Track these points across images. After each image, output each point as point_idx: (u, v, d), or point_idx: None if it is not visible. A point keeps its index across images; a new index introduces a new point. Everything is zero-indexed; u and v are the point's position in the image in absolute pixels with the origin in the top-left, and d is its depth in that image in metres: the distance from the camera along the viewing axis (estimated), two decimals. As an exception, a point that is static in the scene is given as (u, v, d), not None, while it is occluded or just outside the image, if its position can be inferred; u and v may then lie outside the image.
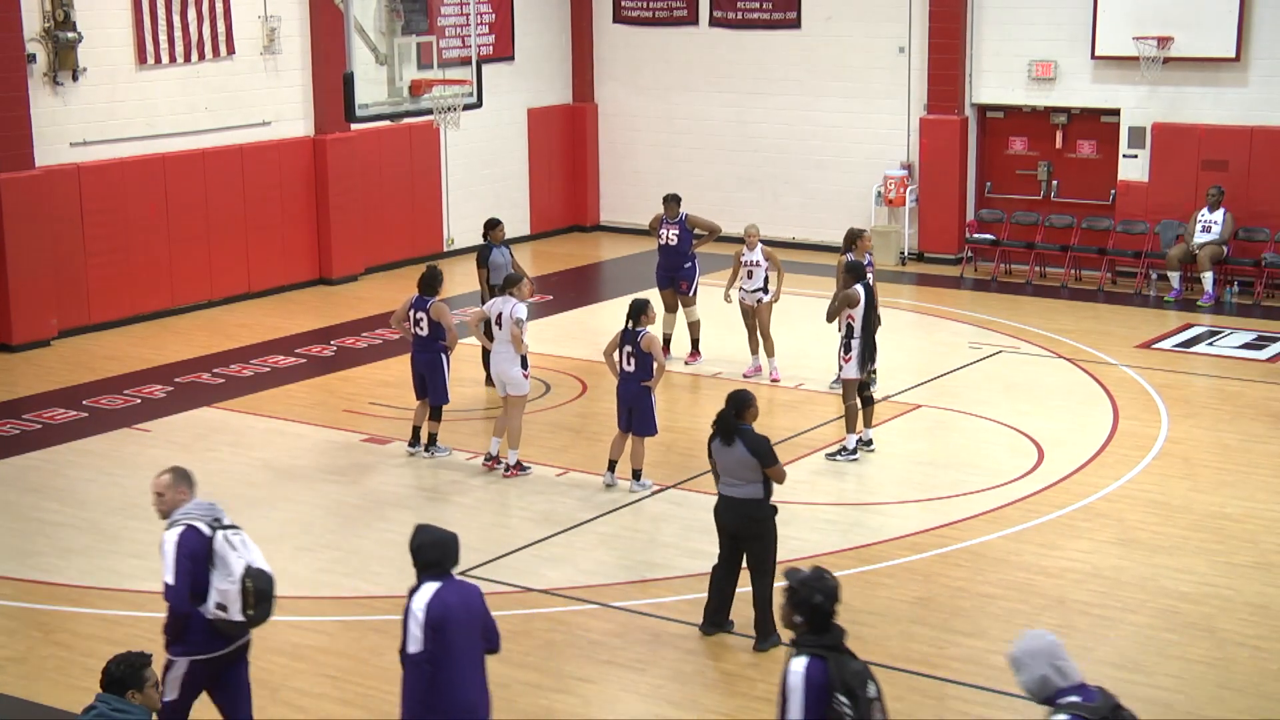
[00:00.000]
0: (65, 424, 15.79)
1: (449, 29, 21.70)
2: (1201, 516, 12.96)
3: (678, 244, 17.59)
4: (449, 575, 7.89)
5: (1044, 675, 6.31)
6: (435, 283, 14.44)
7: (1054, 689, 6.28)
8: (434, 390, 14.44)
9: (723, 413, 10.46)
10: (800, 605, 6.78)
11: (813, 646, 6.70)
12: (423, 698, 7.67)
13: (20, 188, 18.32)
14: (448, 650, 7.67)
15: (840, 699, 6.57)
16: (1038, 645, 6.38)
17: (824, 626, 6.77)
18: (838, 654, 6.70)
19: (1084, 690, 6.27)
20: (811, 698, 6.57)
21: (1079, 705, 6.17)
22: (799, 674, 6.61)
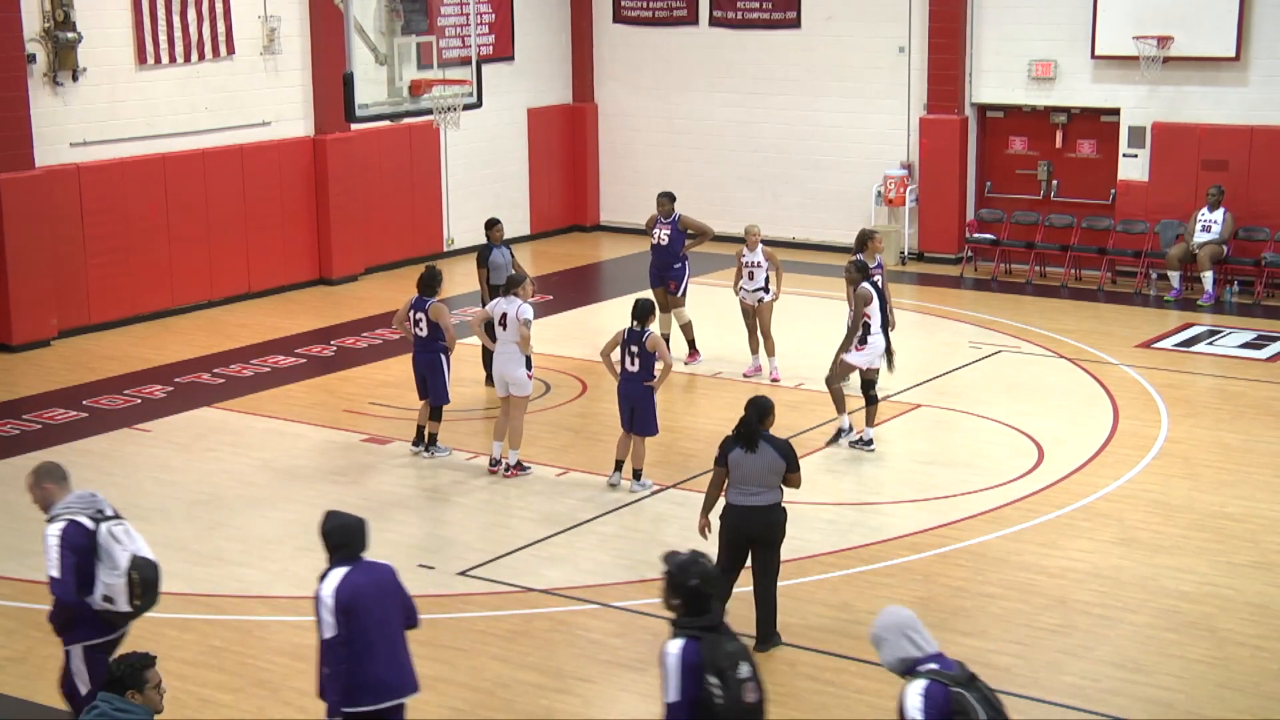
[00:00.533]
0: (65, 424, 15.79)
1: (449, 29, 21.71)
2: (1202, 516, 12.96)
3: (669, 244, 17.59)
4: (359, 558, 8.00)
5: (902, 648, 6.54)
6: (434, 283, 14.43)
7: (912, 660, 6.51)
8: (434, 390, 14.44)
9: (746, 419, 10.27)
10: (678, 589, 6.97)
11: (690, 628, 6.89)
12: (343, 679, 7.78)
13: (20, 188, 18.32)
14: (363, 632, 7.80)
15: (710, 680, 6.74)
16: (894, 620, 6.64)
17: (702, 609, 6.94)
18: (714, 635, 6.87)
19: (941, 659, 6.50)
20: (686, 678, 6.77)
21: (938, 671, 6.40)
22: (674, 655, 6.82)
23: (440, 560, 12.22)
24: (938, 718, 6.27)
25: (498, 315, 13.97)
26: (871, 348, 14.37)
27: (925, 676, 6.39)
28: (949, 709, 6.29)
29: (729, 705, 6.72)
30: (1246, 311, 20.11)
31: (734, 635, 6.95)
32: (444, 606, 11.34)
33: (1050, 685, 10.05)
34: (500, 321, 13.92)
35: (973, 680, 6.42)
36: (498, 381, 14.10)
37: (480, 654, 10.54)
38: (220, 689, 10.13)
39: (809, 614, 11.12)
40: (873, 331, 14.30)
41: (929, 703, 6.30)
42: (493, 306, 14.16)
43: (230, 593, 11.67)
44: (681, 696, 6.78)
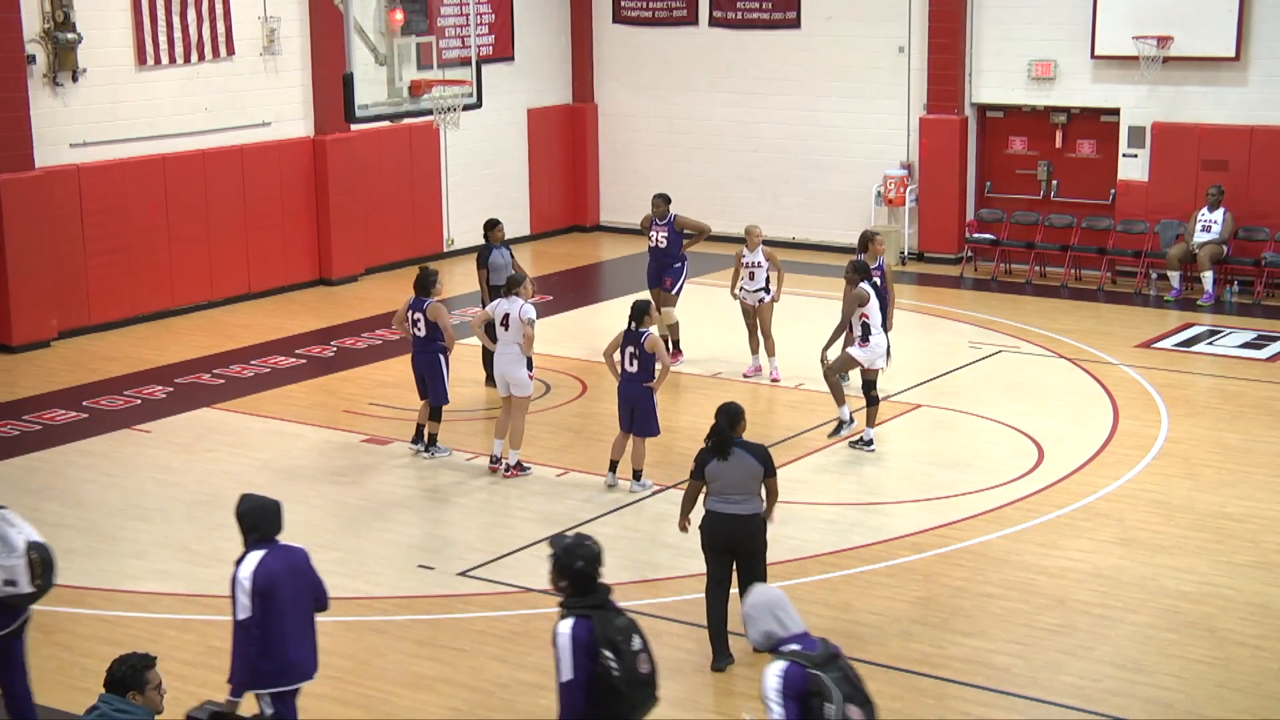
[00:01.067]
0: (65, 425, 15.80)
1: (449, 29, 21.72)
2: (1202, 516, 12.96)
3: (667, 246, 17.57)
4: (274, 541, 8.23)
5: (768, 627, 6.77)
6: (428, 283, 14.44)
7: (777, 639, 6.75)
8: (433, 391, 14.45)
9: (717, 426, 10.06)
10: (564, 571, 7.28)
11: (578, 608, 7.18)
12: (253, 661, 8.01)
13: (20, 188, 18.32)
14: (277, 615, 8.02)
15: (605, 654, 7.03)
16: (764, 599, 6.85)
17: (588, 588, 7.26)
18: (602, 612, 7.16)
19: (805, 639, 6.76)
20: (580, 655, 7.04)
21: (798, 653, 6.65)
22: (566, 634, 7.09)
23: (440, 560, 12.22)
24: (794, 696, 6.53)
25: (499, 316, 13.96)
26: (873, 346, 14.38)
27: (786, 657, 6.64)
28: (806, 689, 6.53)
29: (625, 677, 7.02)
30: (1246, 311, 20.11)
31: (621, 610, 7.24)
32: (444, 607, 11.35)
33: (1050, 685, 10.05)
34: (502, 322, 13.92)
35: (833, 659, 6.66)
36: (499, 382, 14.09)
37: (480, 654, 10.54)
38: (220, 689, 10.08)
39: (809, 614, 11.06)
40: (873, 331, 14.32)
41: (786, 682, 6.55)
42: (494, 307, 14.15)
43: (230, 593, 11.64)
44: (576, 674, 7.03)
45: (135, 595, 11.63)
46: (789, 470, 13.95)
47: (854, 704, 6.59)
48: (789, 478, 13.67)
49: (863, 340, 14.36)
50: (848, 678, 6.64)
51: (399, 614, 11.23)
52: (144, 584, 11.78)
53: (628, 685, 7.06)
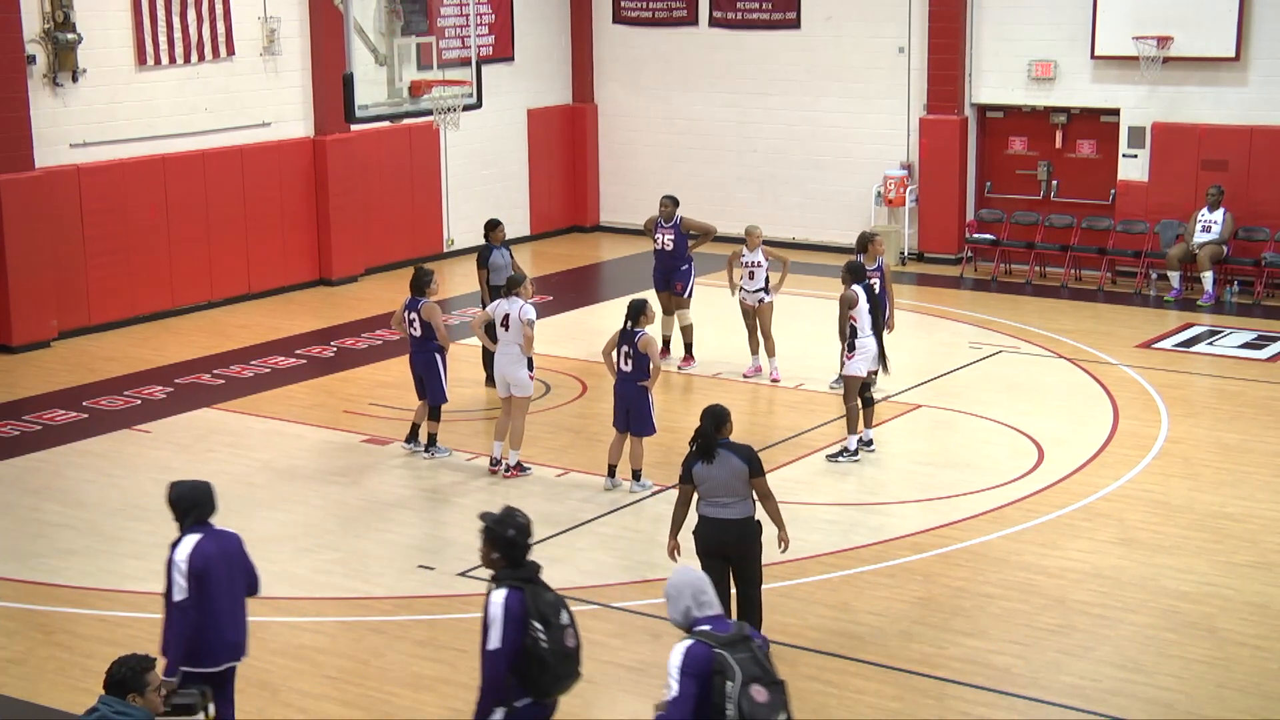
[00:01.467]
0: (65, 425, 15.80)
1: (449, 29, 21.72)
2: (1202, 516, 12.97)
3: (674, 248, 17.55)
4: (208, 525, 8.38)
5: (686, 606, 7.03)
6: (423, 283, 14.45)
7: (693, 619, 7.00)
8: (431, 390, 14.45)
9: (702, 429, 9.93)
10: (496, 542, 7.52)
11: (510, 580, 7.42)
12: (189, 642, 8.17)
13: (20, 189, 18.33)
14: (212, 597, 8.20)
15: (535, 626, 7.31)
16: (685, 580, 7.10)
17: (519, 561, 7.50)
18: (533, 586, 7.42)
19: (719, 621, 6.99)
20: (510, 626, 7.31)
21: (707, 633, 6.89)
22: (499, 605, 7.33)
23: (440, 561, 12.22)
24: (695, 674, 6.74)
25: (499, 316, 13.96)
26: (862, 352, 14.19)
27: (694, 637, 6.88)
28: (708, 667, 6.74)
29: (553, 649, 7.33)
30: (1246, 311, 20.11)
31: (550, 587, 7.49)
32: (444, 607, 11.35)
33: (1050, 685, 10.05)
34: (502, 322, 13.92)
35: (744, 641, 6.86)
36: (499, 382, 14.09)
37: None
38: (220, 690, 10.11)
39: (809, 614, 11.12)
40: (860, 335, 14.17)
41: (688, 660, 6.78)
42: (494, 308, 14.15)
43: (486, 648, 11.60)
44: (504, 644, 7.31)
45: (135, 596, 11.63)
46: (789, 470, 13.96)
47: (760, 685, 6.76)
48: (789, 478, 13.69)
49: (849, 350, 14.22)
50: (756, 659, 6.81)
51: (399, 614, 11.24)
52: (144, 584, 11.77)
53: (554, 657, 7.34)
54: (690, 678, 6.76)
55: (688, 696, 6.74)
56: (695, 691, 6.73)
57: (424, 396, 14.58)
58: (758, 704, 6.72)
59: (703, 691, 6.73)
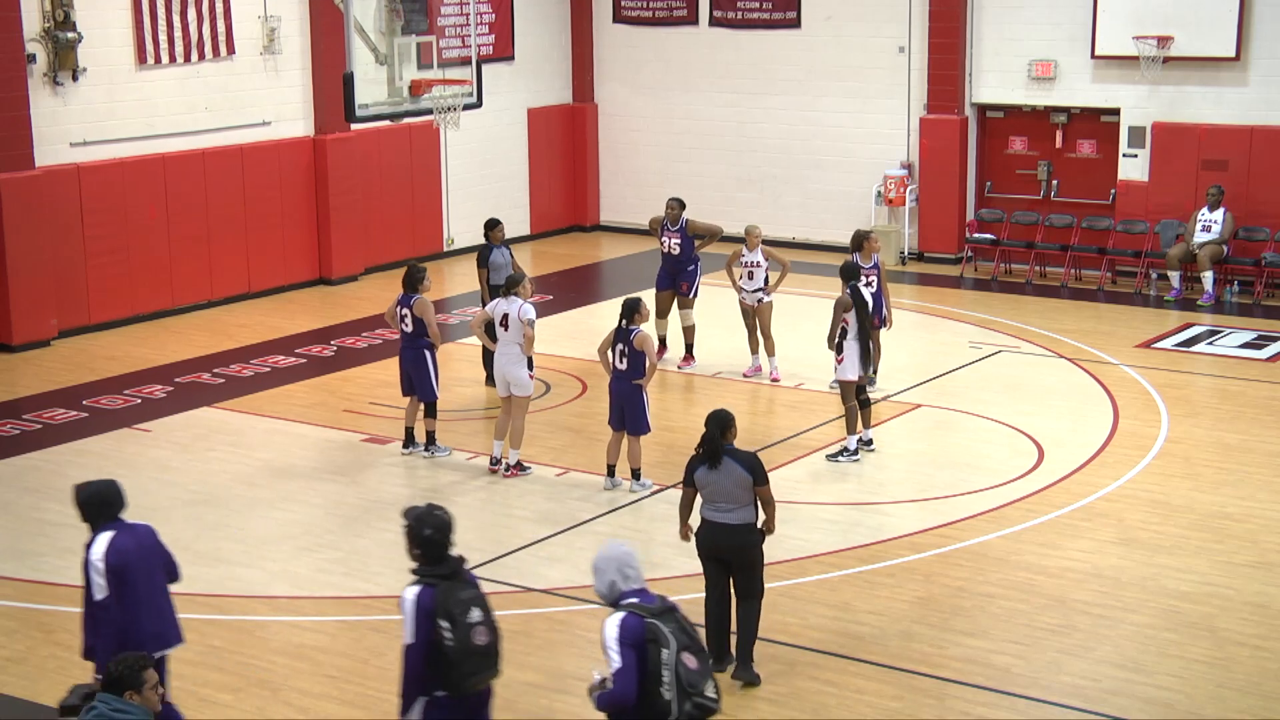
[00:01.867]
0: (65, 424, 15.79)
1: (449, 29, 21.71)
2: (1202, 516, 12.96)
3: (680, 253, 17.52)
4: (120, 521, 8.46)
5: (612, 579, 7.28)
6: (416, 279, 14.48)
7: (619, 592, 7.27)
8: (420, 387, 14.46)
9: (708, 435, 9.92)
10: (416, 539, 7.63)
11: (427, 576, 7.55)
12: (113, 639, 8.23)
13: (20, 188, 18.32)
14: (132, 591, 8.30)
15: (441, 623, 7.38)
16: (612, 554, 7.34)
17: (438, 558, 7.60)
18: (449, 582, 7.51)
19: (644, 594, 7.27)
20: (420, 621, 7.43)
21: (636, 605, 7.17)
22: (410, 600, 7.49)
23: (440, 560, 12.20)
24: (632, 644, 7.02)
25: (499, 316, 13.95)
26: (851, 355, 14.15)
27: (625, 609, 7.16)
28: (643, 637, 7.05)
29: (458, 647, 7.37)
30: (1246, 311, 20.11)
31: (472, 583, 7.59)
32: (444, 606, 11.33)
33: (1050, 685, 10.05)
34: (501, 322, 13.91)
35: (670, 612, 7.18)
36: (499, 382, 14.09)
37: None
38: (220, 689, 10.13)
39: (809, 614, 11.12)
40: (849, 339, 14.11)
41: (624, 631, 7.06)
42: (493, 307, 14.14)
43: (230, 593, 11.67)
44: (416, 638, 7.44)
45: (135, 595, 11.60)
46: (789, 470, 13.95)
47: (690, 653, 7.09)
48: (789, 477, 13.68)
49: (839, 353, 14.17)
50: (684, 629, 7.14)
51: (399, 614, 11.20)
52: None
53: (459, 654, 7.39)
54: (629, 648, 7.01)
55: (631, 665, 6.98)
56: (636, 660, 6.98)
57: (410, 393, 14.58)
58: (691, 670, 7.06)
59: (640, 661, 6.99)
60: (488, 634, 7.49)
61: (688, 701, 7.04)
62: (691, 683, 7.03)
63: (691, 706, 7.05)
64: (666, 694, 7.01)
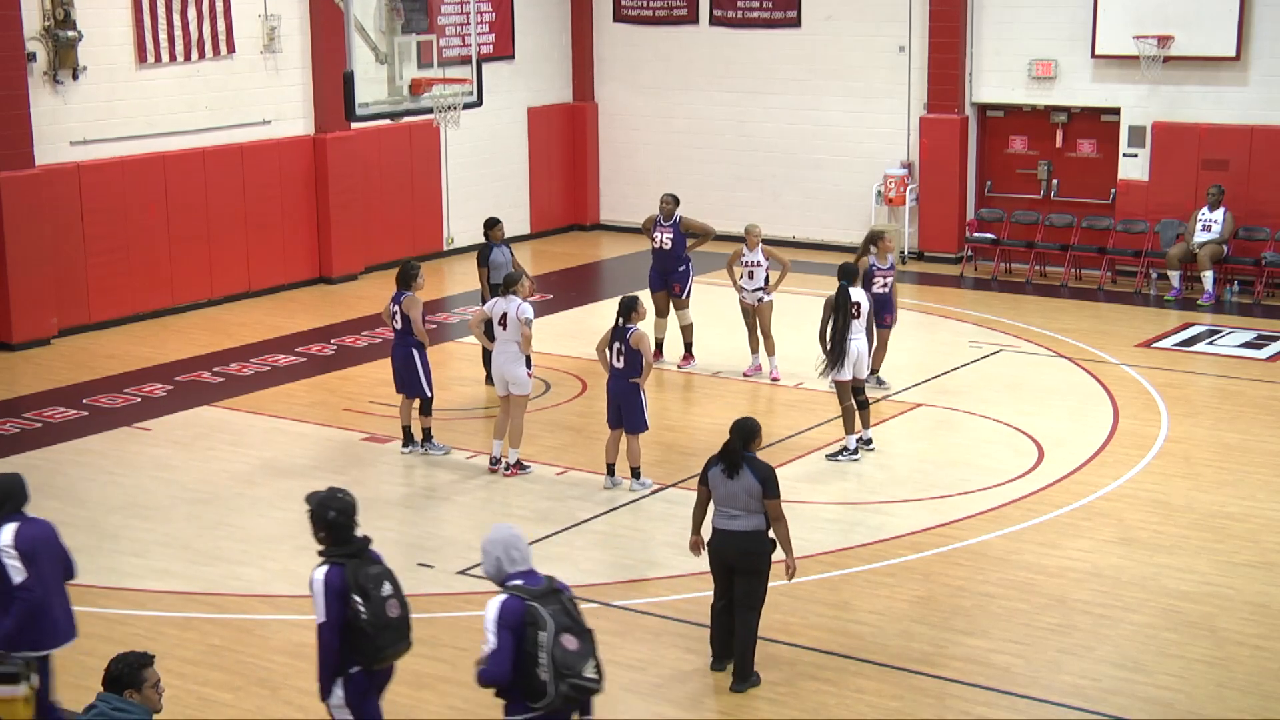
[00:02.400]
0: (65, 423, 15.79)
1: (449, 28, 21.71)
2: (1202, 516, 12.96)
3: (672, 248, 17.52)
4: (23, 514, 8.71)
5: (498, 560, 7.53)
6: (408, 276, 14.53)
7: (505, 574, 7.51)
8: (410, 385, 14.48)
9: (729, 444, 9.89)
10: (320, 522, 7.82)
11: (335, 556, 7.77)
12: (26, 623, 8.46)
13: (20, 187, 18.32)
14: (41, 578, 8.53)
15: (355, 598, 7.65)
16: (499, 537, 7.58)
17: (344, 539, 7.83)
18: (356, 560, 7.77)
19: (530, 576, 7.51)
20: (332, 599, 7.66)
21: (519, 587, 7.41)
22: (320, 580, 7.70)
23: (440, 559, 12.21)
24: (510, 626, 7.28)
25: (497, 315, 13.95)
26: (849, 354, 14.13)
27: (508, 591, 7.41)
28: (521, 619, 7.29)
29: (372, 620, 7.66)
30: (1246, 311, 20.11)
31: (378, 560, 7.87)
32: (444, 606, 11.34)
33: (1050, 685, 10.05)
34: (500, 321, 13.91)
35: (554, 594, 7.42)
36: (497, 380, 14.09)
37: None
38: (220, 688, 10.13)
39: (809, 613, 11.11)
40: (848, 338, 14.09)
41: (503, 614, 7.31)
42: (491, 306, 14.14)
43: (230, 591, 11.67)
44: (329, 617, 7.67)
45: (135, 593, 11.63)
46: (789, 469, 13.94)
47: (570, 634, 7.34)
48: (789, 477, 13.65)
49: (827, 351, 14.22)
50: (566, 611, 7.40)
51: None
52: (144, 582, 11.78)
53: (374, 627, 7.67)
54: (506, 630, 7.29)
55: (505, 648, 7.28)
56: (512, 643, 7.27)
57: (402, 389, 14.59)
58: (569, 652, 7.31)
59: (518, 642, 7.26)
60: (399, 607, 7.80)
61: (563, 683, 7.29)
62: (568, 664, 7.29)
63: (568, 687, 7.30)
64: (543, 675, 7.26)
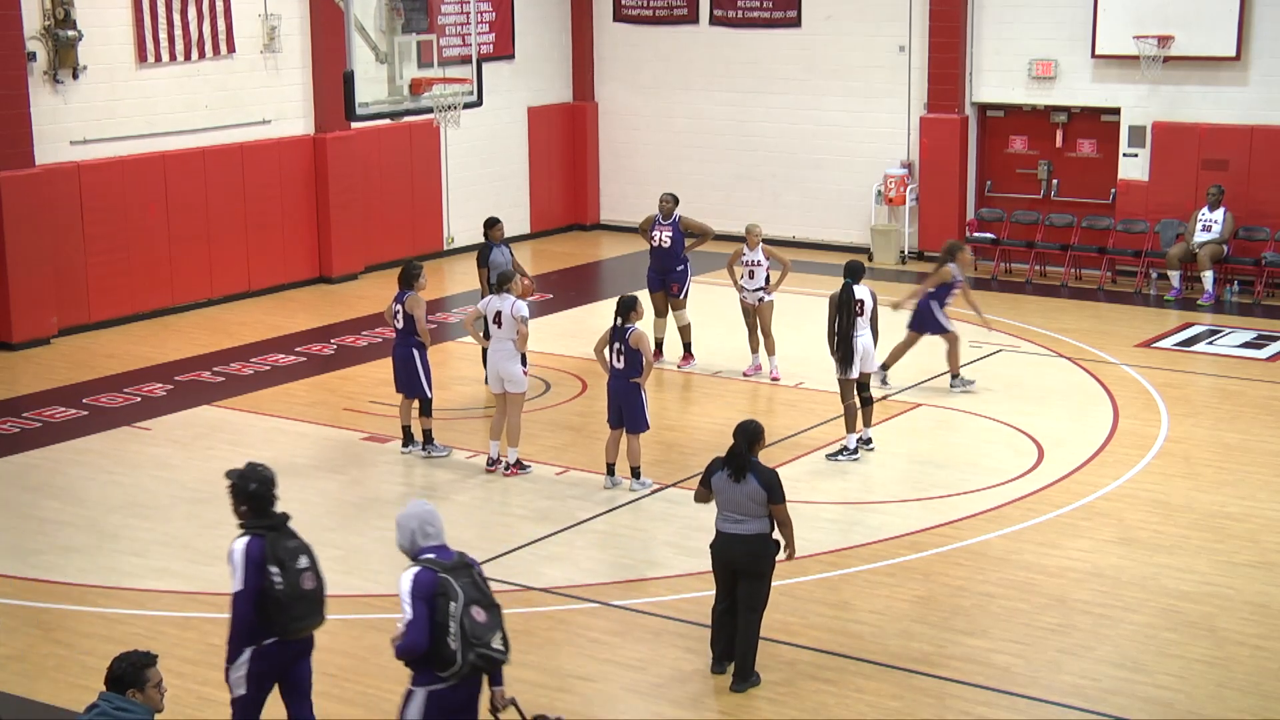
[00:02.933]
0: (65, 422, 15.79)
1: (449, 27, 21.71)
2: (1202, 515, 12.96)
3: (671, 246, 17.51)
4: None
5: (413, 533, 7.76)
6: (411, 276, 14.52)
7: (418, 547, 7.75)
8: (410, 385, 14.48)
9: (734, 448, 9.84)
10: (241, 495, 8.15)
11: (255, 528, 8.09)
12: None
13: (20, 186, 18.32)
14: None
15: (271, 569, 7.96)
16: (413, 511, 7.83)
17: (264, 511, 8.14)
18: (275, 533, 8.08)
19: (442, 550, 7.74)
20: (249, 569, 7.98)
21: (431, 560, 7.66)
22: (240, 550, 8.01)
23: (440, 559, 12.20)
24: (423, 597, 7.52)
25: (491, 313, 13.97)
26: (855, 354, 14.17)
27: (421, 564, 7.65)
28: (434, 590, 7.53)
29: (288, 591, 7.96)
30: (1246, 311, 20.11)
31: (295, 534, 8.14)
32: (444, 605, 11.33)
33: (1050, 685, 10.05)
34: (495, 319, 13.92)
35: (465, 568, 7.67)
36: (492, 379, 14.09)
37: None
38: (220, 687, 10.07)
39: (809, 613, 11.11)
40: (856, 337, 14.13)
41: (416, 585, 7.56)
42: (485, 304, 14.15)
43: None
44: (245, 586, 7.98)
45: (135, 593, 11.63)
46: (789, 469, 13.95)
47: (479, 606, 7.59)
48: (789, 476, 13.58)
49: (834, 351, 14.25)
50: (476, 584, 7.64)
51: (398, 612, 11.20)
52: (144, 581, 11.78)
53: (289, 598, 7.98)
54: (420, 601, 7.52)
55: (421, 618, 7.51)
56: (427, 613, 7.50)
57: (402, 389, 14.59)
58: (478, 623, 7.56)
59: (431, 613, 7.50)
60: (314, 580, 8.11)
61: (472, 652, 7.53)
62: (477, 635, 7.53)
63: (475, 656, 7.55)
64: (452, 644, 7.50)
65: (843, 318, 14.07)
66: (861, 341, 14.19)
